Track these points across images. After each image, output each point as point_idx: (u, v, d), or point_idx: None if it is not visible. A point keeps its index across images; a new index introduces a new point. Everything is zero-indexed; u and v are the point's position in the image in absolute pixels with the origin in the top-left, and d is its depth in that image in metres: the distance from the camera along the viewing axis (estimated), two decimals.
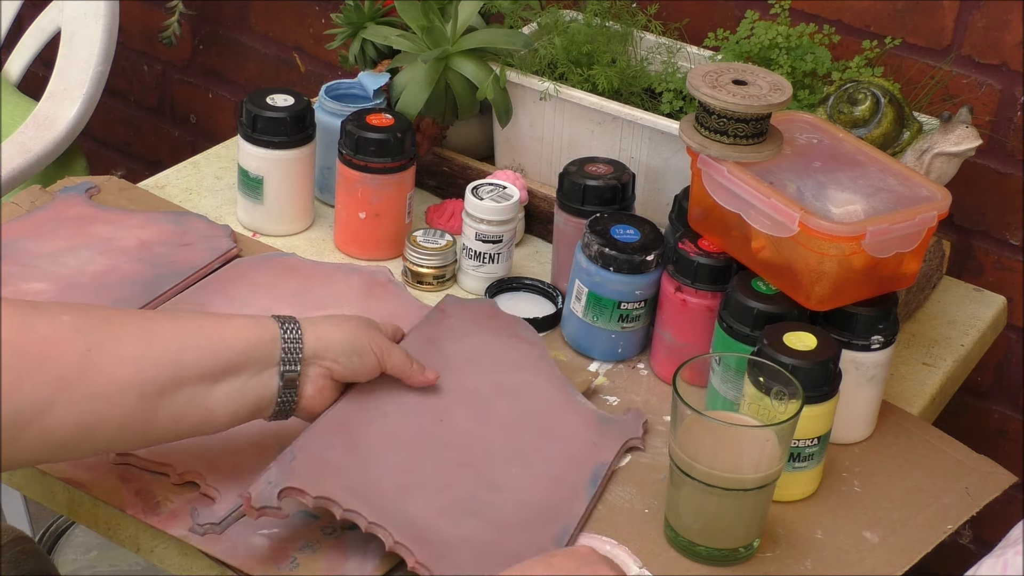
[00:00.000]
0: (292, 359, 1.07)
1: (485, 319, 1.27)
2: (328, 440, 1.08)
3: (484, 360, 1.22)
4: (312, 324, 1.10)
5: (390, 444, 1.11)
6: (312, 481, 1.04)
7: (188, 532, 1.07)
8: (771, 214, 1.17)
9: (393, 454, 1.10)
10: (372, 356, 1.12)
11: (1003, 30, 1.51)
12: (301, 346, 1.07)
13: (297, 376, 1.07)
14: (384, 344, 1.13)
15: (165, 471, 1.12)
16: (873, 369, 1.21)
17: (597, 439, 1.18)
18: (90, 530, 1.09)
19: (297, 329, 1.08)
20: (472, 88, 1.49)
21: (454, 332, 1.24)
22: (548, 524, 1.09)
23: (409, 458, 1.10)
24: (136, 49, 2.28)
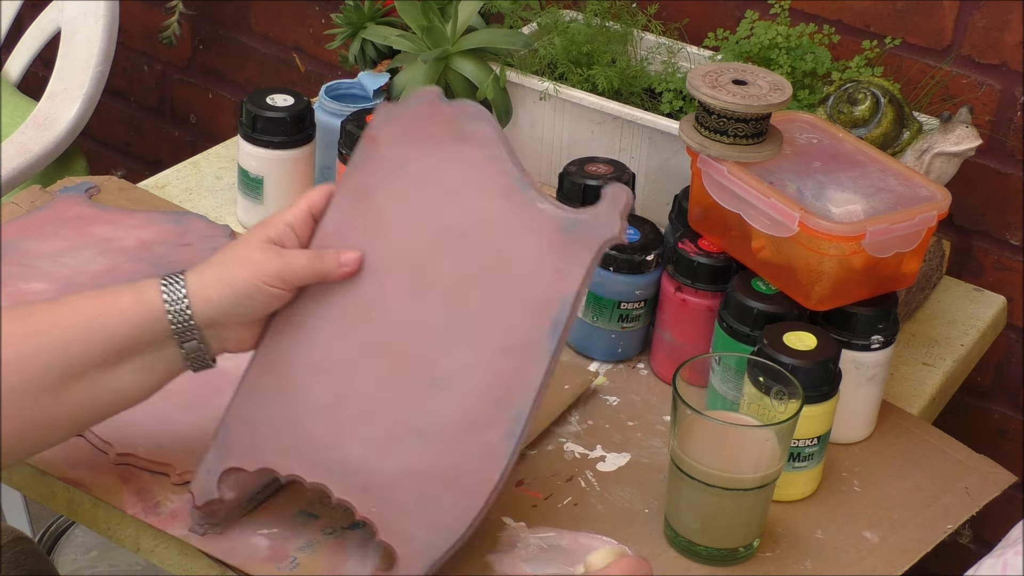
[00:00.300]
0: (187, 335, 1.01)
1: (423, 128, 1.05)
2: (259, 392, 1.03)
3: (421, 198, 1.04)
4: (199, 282, 1.01)
5: (318, 374, 1.03)
6: (248, 454, 1.02)
7: (188, 532, 1.07)
8: (771, 214, 1.17)
9: (323, 387, 1.02)
10: (269, 289, 1.02)
11: (1003, 30, 1.51)
12: (190, 316, 1.01)
13: (198, 346, 1.02)
14: (277, 266, 1.02)
15: (165, 471, 1.12)
16: (873, 369, 1.21)
17: (561, 262, 1.01)
18: (90, 530, 1.09)
19: (183, 298, 1.00)
20: (472, 88, 1.49)
21: (387, 168, 1.06)
22: (499, 417, 0.98)
23: (340, 386, 1.02)
24: (136, 49, 2.28)
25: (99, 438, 1.13)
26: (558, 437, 1.22)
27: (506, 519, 1.13)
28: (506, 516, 1.13)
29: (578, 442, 1.21)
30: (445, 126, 1.05)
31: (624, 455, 1.20)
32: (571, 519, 1.13)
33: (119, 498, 1.10)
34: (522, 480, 1.17)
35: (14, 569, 1.29)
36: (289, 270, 1.02)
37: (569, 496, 1.15)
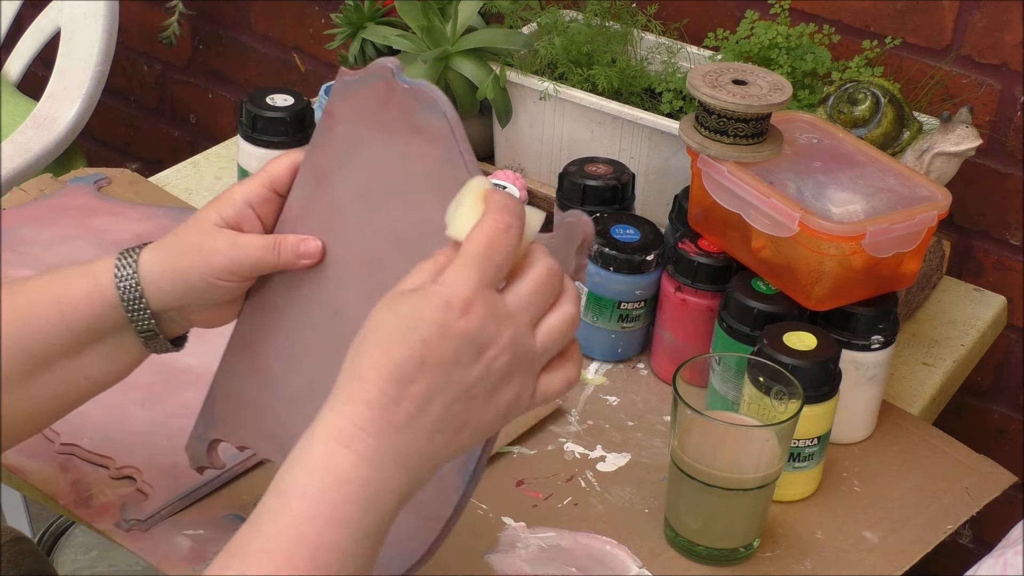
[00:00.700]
0: (143, 325, 0.96)
1: (378, 110, 0.98)
2: (237, 369, 1.01)
3: (378, 190, 0.98)
4: (152, 267, 0.95)
5: (288, 362, 0.99)
6: (231, 429, 1.01)
7: (114, 527, 1.07)
8: (771, 214, 1.17)
9: (293, 376, 0.99)
10: (221, 284, 0.95)
11: (1003, 30, 1.51)
12: (146, 305, 0.95)
13: (157, 333, 0.97)
14: (227, 260, 0.94)
15: (105, 464, 1.12)
16: (873, 369, 1.21)
17: None
18: (90, 530, 1.10)
19: (136, 286, 0.95)
20: (472, 88, 1.49)
21: (343, 150, 0.99)
22: None
23: (309, 377, 0.98)
24: (136, 49, 2.28)
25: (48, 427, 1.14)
26: (558, 437, 1.22)
27: (506, 519, 1.13)
28: (506, 516, 1.13)
29: (578, 442, 1.21)
30: (399, 111, 0.97)
31: (624, 455, 1.20)
32: (571, 519, 1.13)
33: (54, 487, 1.11)
34: (522, 480, 1.17)
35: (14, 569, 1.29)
36: (241, 264, 0.95)
37: (569, 496, 1.15)
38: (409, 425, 0.77)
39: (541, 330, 0.81)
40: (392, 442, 0.77)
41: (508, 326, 0.79)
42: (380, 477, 0.76)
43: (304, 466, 0.76)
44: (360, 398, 0.77)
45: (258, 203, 0.96)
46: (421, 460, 0.78)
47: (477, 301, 0.78)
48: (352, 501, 0.75)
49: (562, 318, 0.81)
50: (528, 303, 0.80)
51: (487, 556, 1.09)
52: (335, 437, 0.76)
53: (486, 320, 0.78)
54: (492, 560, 1.09)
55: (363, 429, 0.76)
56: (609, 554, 1.10)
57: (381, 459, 0.76)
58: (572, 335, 0.82)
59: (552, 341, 0.81)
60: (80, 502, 1.09)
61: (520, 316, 0.80)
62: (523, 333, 0.80)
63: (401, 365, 0.77)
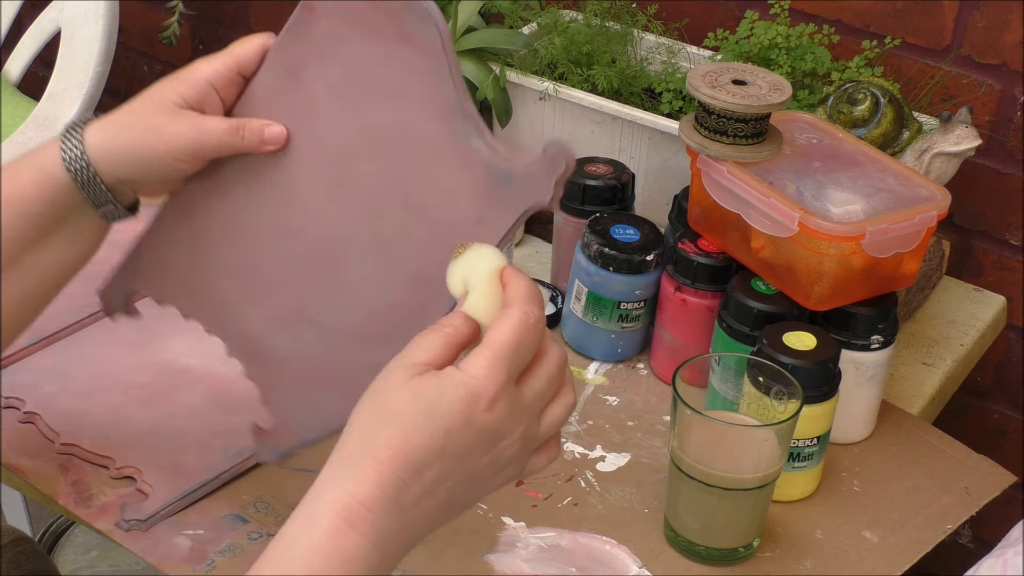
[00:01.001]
0: (100, 199, 0.95)
1: (365, 12, 0.95)
2: (172, 232, 1.00)
3: (355, 89, 0.96)
4: (102, 146, 0.93)
5: (229, 235, 0.99)
6: (155, 284, 1.01)
7: (114, 527, 1.07)
8: (771, 214, 1.17)
9: (232, 250, 0.99)
10: (180, 165, 0.94)
11: (1003, 30, 1.51)
12: (101, 183, 0.93)
13: (115, 203, 0.96)
14: (189, 140, 0.93)
15: (105, 464, 1.12)
16: (873, 369, 1.21)
17: (484, 211, 0.92)
18: (90, 530, 1.10)
19: (87, 166, 0.93)
20: (472, 88, 1.49)
21: (322, 45, 0.97)
22: (392, 339, 0.90)
23: (248, 255, 0.99)
24: (136, 49, 2.28)
25: (48, 427, 1.15)
26: None
27: (506, 519, 1.13)
28: (506, 516, 1.13)
29: (578, 442, 1.21)
30: (388, 17, 0.94)
31: (624, 455, 1.20)
32: (571, 519, 1.13)
33: (54, 487, 1.11)
34: (522, 480, 1.17)
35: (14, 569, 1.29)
36: (202, 145, 0.93)
37: (569, 496, 1.16)
38: (416, 506, 0.78)
39: (545, 419, 0.83)
40: (398, 523, 0.77)
41: (523, 420, 0.80)
42: (383, 557, 0.77)
43: (308, 541, 0.76)
44: (372, 479, 0.76)
45: (221, 85, 0.95)
46: (418, 536, 0.80)
47: (502, 397, 0.78)
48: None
49: (564, 407, 0.83)
50: (541, 395, 0.82)
51: (487, 556, 1.09)
52: (343, 516, 0.76)
53: (508, 415, 0.79)
54: (492, 560, 1.09)
55: (371, 511, 0.76)
56: (609, 554, 1.10)
57: (385, 540, 0.77)
58: (566, 421, 0.84)
59: (553, 428, 0.83)
60: (80, 502, 1.10)
61: (533, 408, 0.81)
62: (533, 424, 0.82)
63: (420, 452, 0.77)
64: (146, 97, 0.95)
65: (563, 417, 0.83)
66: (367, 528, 0.76)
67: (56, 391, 1.19)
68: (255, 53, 0.95)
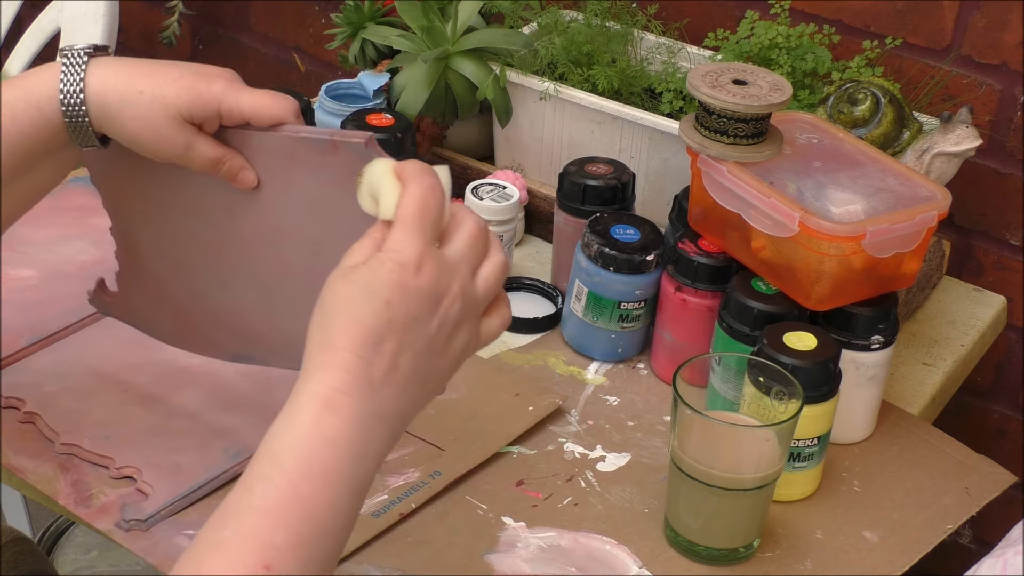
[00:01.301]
0: (88, 143, 0.99)
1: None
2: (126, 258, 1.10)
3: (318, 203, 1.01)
4: (104, 112, 0.97)
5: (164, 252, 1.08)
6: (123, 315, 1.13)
7: (114, 527, 1.07)
8: (771, 214, 1.17)
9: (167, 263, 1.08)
10: (152, 155, 0.98)
11: (1003, 30, 1.51)
12: (90, 129, 0.97)
13: (100, 144, 0.99)
14: (178, 154, 0.97)
15: (105, 463, 1.12)
16: (873, 369, 1.21)
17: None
18: (90, 530, 1.10)
19: (83, 112, 0.96)
20: (472, 88, 1.49)
21: (322, 167, 0.99)
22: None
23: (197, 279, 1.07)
24: (136, 49, 2.28)
25: (48, 427, 1.14)
26: (558, 437, 1.22)
27: (506, 519, 1.13)
28: (506, 516, 1.13)
29: (578, 442, 1.21)
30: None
31: (624, 455, 1.20)
32: (571, 519, 1.13)
33: (53, 487, 1.11)
34: (522, 480, 1.17)
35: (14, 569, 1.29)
36: (184, 161, 0.98)
37: (569, 496, 1.15)
38: (386, 383, 0.82)
39: (480, 278, 0.87)
40: (373, 401, 0.82)
41: (456, 277, 0.85)
42: (365, 436, 0.81)
43: (292, 430, 0.80)
44: (339, 365, 0.81)
45: (227, 116, 0.98)
46: (398, 415, 0.84)
47: (426, 258, 0.83)
48: (343, 459, 0.80)
49: (496, 264, 0.88)
50: (466, 255, 0.86)
51: (487, 556, 1.09)
52: (322, 403, 0.80)
53: (438, 274, 0.84)
54: (492, 560, 1.09)
55: (346, 393, 0.81)
56: (609, 554, 1.10)
57: (364, 419, 0.81)
58: (503, 280, 0.89)
59: (490, 287, 0.88)
60: (80, 502, 1.09)
61: (462, 267, 0.86)
62: (468, 283, 0.86)
63: (371, 327, 0.81)
64: (165, 83, 0.96)
65: (496, 275, 0.88)
66: (346, 411, 0.80)
67: (56, 391, 1.19)
68: (273, 119, 0.98)
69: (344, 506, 0.81)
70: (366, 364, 0.81)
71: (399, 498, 1.12)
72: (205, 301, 1.07)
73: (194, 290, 1.07)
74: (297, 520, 0.78)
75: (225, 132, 0.99)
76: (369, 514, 1.10)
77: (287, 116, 0.97)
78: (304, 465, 0.79)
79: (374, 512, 1.10)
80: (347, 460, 0.80)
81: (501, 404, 1.23)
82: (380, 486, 1.13)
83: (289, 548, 0.78)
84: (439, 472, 1.15)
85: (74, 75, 0.96)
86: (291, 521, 0.78)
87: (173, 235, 1.06)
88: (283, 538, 0.78)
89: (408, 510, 1.11)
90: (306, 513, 0.79)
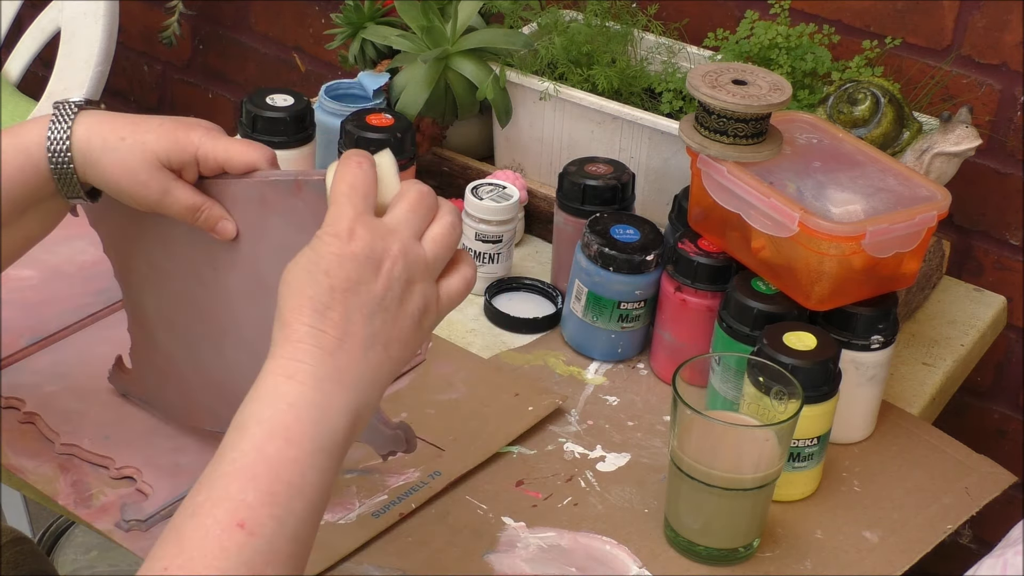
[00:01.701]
0: (74, 195, 1.01)
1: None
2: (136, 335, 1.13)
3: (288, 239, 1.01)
4: (86, 159, 0.99)
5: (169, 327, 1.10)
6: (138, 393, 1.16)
7: (113, 527, 1.07)
8: (771, 214, 1.17)
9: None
10: (133, 202, 1.00)
11: (1003, 30, 1.51)
12: (76, 180, 1.00)
13: (87, 198, 1.02)
14: (154, 202, 0.99)
15: (105, 464, 1.12)
16: (873, 369, 1.21)
17: None
18: (90, 530, 1.10)
19: (67, 160, 0.99)
20: (472, 88, 1.49)
21: (289, 210, 1.02)
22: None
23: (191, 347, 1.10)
24: (136, 49, 2.28)
25: (48, 427, 1.14)
26: (558, 437, 1.22)
27: (506, 519, 1.13)
28: (506, 516, 1.13)
29: (578, 442, 1.21)
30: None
31: (624, 455, 1.20)
32: (571, 519, 1.13)
33: (53, 487, 1.11)
34: (522, 480, 1.17)
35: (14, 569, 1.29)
36: (163, 208, 1.00)
37: (569, 496, 1.15)
38: (341, 347, 0.85)
39: (426, 240, 0.89)
40: (329, 366, 0.85)
41: (394, 240, 0.87)
42: (324, 398, 0.84)
43: (256, 400, 0.85)
44: (292, 339, 0.85)
45: (206, 167, 1.01)
46: (361, 378, 0.86)
47: (358, 226, 0.87)
48: (303, 420, 0.83)
49: (443, 226, 0.90)
50: (405, 219, 0.89)
51: (487, 556, 1.09)
52: (279, 374, 0.85)
53: (373, 238, 0.87)
54: (492, 560, 1.09)
55: (301, 361, 0.85)
56: (609, 554, 1.10)
57: (321, 383, 0.84)
58: (456, 241, 0.91)
59: (439, 247, 0.90)
60: (80, 502, 1.09)
61: (402, 230, 0.88)
62: (410, 244, 0.88)
63: (315, 298, 0.85)
64: (146, 131, 0.99)
65: (444, 235, 0.90)
66: (303, 376, 0.84)
67: (56, 391, 1.19)
68: (246, 165, 1.00)
69: (311, 465, 0.83)
70: (318, 332, 0.85)
71: (399, 498, 1.12)
72: (204, 370, 1.09)
73: (194, 359, 1.09)
74: (266, 479, 0.81)
75: (205, 184, 1.01)
76: (369, 514, 1.10)
77: (260, 162, 1.00)
78: (267, 427, 0.83)
79: (374, 512, 1.10)
80: (308, 421, 0.83)
81: (501, 404, 1.23)
82: (380, 486, 1.13)
83: (261, 506, 0.81)
84: (439, 472, 1.15)
85: (63, 124, 0.99)
86: (260, 480, 0.81)
87: (172, 297, 1.08)
88: (254, 496, 0.81)
89: (408, 510, 1.11)
90: (273, 472, 0.82)
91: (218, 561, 0.79)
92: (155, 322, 1.10)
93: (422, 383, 1.25)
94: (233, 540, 0.80)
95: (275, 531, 0.81)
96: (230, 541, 0.80)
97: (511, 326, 1.35)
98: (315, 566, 1.05)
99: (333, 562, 1.06)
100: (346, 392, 0.85)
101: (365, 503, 1.11)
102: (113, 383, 1.18)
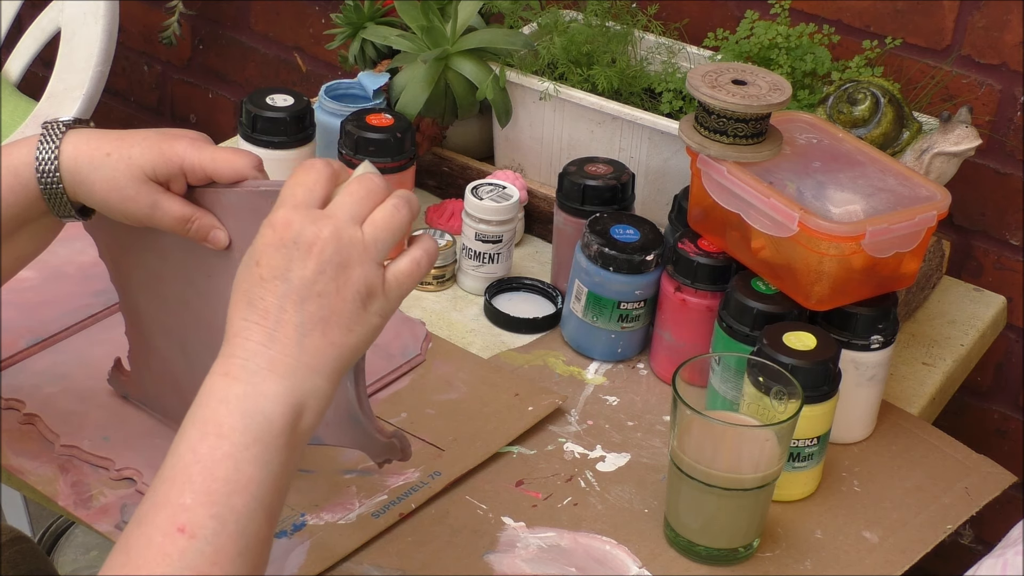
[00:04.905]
0: (64, 213, 1.01)
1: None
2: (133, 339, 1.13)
3: None
4: (75, 173, 0.99)
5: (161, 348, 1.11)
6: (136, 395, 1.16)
7: (114, 528, 1.07)
8: (771, 214, 1.17)
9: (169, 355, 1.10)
10: (123, 217, 1.00)
11: (1003, 30, 1.51)
12: (66, 199, 1.00)
13: (79, 215, 1.02)
14: (144, 216, 0.99)
15: (105, 465, 1.12)
16: (873, 369, 1.21)
17: None
18: (90, 530, 1.10)
19: (56, 180, 0.99)
20: (472, 88, 1.49)
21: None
22: None
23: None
24: (136, 49, 2.28)
25: (48, 428, 1.15)
26: (558, 437, 1.22)
27: (506, 519, 1.13)
28: (506, 516, 1.13)
29: (578, 442, 1.21)
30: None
31: (624, 455, 1.20)
32: (571, 519, 1.13)
33: (53, 488, 1.11)
34: (522, 480, 1.17)
35: (14, 569, 1.29)
36: (152, 221, 1.00)
37: (569, 496, 1.16)
38: (273, 337, 0.86)
39: (366, 223, 0.88)
40: (262, 357, 0.85)
41: (327, 224, 0.87)
42: (255, 390, 0.84)
43: (195, 403, 0.86)
44: (229, 335, 0.87)
45: (192, 174, 1.00)
46: (298, 366, 0.86)
47: (292, 216, 0.87)
48: (233, 413, 0.84)
49: (385, 209, 0.89)
50: (343, 204, 0.88)
51: (487, 556, 1.09)
52: (217, 372, 0.86)
53: (303, 225, 0.87)
54: (492, 560, 1.09)
55: (235, 356, 0.86)
56: (609, 554, 1.10)
57: (251, 375, 0.85)
58: (401, 223, 0.90)
59: (379, 229, 0.89)
60: (80, 503, 1.09)
61: (338, 215, 0.88)
62: (344, 227, 0.87)
63: (248, 291, 0.87)
64: (131, 145, 0.99)
65: (387, 218, 0.89)
66: (233, 370, 0.85)
67: (56, 392, 1.19)
68: (234, 173, 1.00)
69: (247, 459, 0.83)
70: (250, 324, 0.86)
71: (399, 498, 1.12)
72: (200, 374, 1.08)
73: (190, 363, 1.08)
74: (201, 479, 0.82)
75: (196, 193, 1.01)
76: (369, 514, 1.10)
77: (247, 170, 0.99)
78: (199, 427, 0.84)
79: (374, 512, 1.11)
80: (238, 413, 0.83)
81: (501, 404, 1.23)
82: (380, 486, 1.13)
83: (199, 507, 0.81)
84: (439, 472, 1.15)
85: (50, 144, 0.99)
86: (195, 480, 0.81)
87: (167, 303, 1.08)
88: (192, 498, 0.81)
89: (408, 510, 1.11)
90: (208, 471, 0.82)
91: (161, 568, 0.79)
92: (151, 327, 1.10)
93: (422, 383, 1.25)
94: (175, 545, 0.80)
95: (216, 531, 0.81)
96: (172, 547, 0.80)
97: (511, 326, 1.35)
98: (315, 566, 1.06)
99: (333, 562, 1.06)
100: (280, 380, 0.85)
101: (365, 503, 1.11)
102: (112, 385, 1.18)
